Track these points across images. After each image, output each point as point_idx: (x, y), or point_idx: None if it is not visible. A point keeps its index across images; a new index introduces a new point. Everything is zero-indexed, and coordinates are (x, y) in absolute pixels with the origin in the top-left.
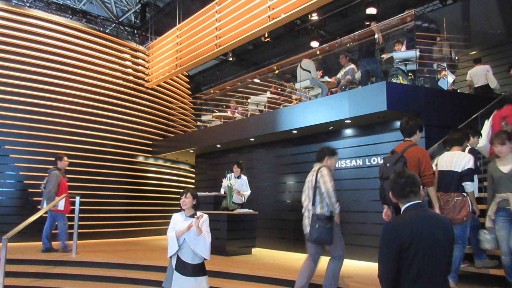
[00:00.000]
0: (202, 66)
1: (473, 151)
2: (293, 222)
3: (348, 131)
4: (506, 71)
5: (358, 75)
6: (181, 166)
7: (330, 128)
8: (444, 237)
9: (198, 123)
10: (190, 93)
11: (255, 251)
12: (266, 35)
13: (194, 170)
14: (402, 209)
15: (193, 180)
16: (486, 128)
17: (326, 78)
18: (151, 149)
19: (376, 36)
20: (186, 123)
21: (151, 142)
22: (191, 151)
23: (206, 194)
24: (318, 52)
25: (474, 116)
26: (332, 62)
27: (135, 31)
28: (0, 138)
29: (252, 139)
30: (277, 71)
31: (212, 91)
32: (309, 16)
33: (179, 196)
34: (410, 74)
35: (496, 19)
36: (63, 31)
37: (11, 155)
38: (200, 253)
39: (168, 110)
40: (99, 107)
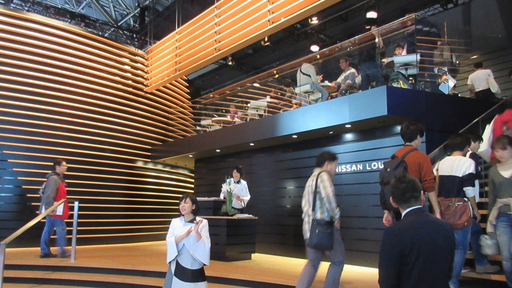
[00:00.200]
0: (201, 70)
1: (474, 156)
2: (293, 227)
3: (349, 136)
4: (507, 76)
5: (358, 79)
6: (180, 171)
7: (330, 132)
8: (445, 242)
9: (198, 128)
10: (190, 97)
11: (255, 256)
12: (266, 39)
13: (193, 175)
14: (403, 214)
15: (192, 185)
16: (487, 132)
17: (326, 83)
18: (150, 153)
19: (376, 40)
20: (185, 128)
21: (150, 147)
22: (191, 155)
23: (206, 199)
24: (318, 56)
25: (475, 120)
26: (332, 67)
27: (134, 35)
28: None
29: (251, 144)
30: (277, 76)
31: (211, 96)
32: (309, 20)
33: (178, 201)
34: (410, 79)
35: (497, 23)
36: (62, 35)
37: (9, 160)
38: (200, 258)
39: (167, 114)
40: (97, 111)
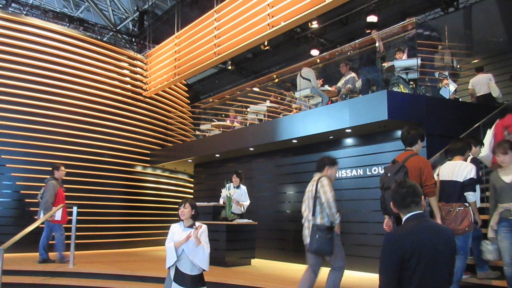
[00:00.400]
0: (200, 74)
1: (475, 161)
2: (293, 232)
3: (349, 141)
4: (508, 80)
5: (358, 83)
6: (179, 176)
7: (331, 137)
8: (445, 247)
9: (197, 132)
10: (189, 102)
11: (255, 262)
12: (266, 43)
13: (192, 180)
14: (403, 219)
15: (191, 190)
16: (488, 137)
17: (327, 87)
18: (149, 158)
19: (377, 44)
20: (184, 133)
21: (149, 152)
22: (190, 160)
23: (205, 204)
24: (318, 60)
25: (476, 125)
26: (332, 71)
27: (133, 39)
28: None
29: (251, 149)
30: (276, 80)
31: (211, 100)
32: (309, 24)
33: (177, 206)
34: (411, 83)
35: (498, 27)
36: (60, 39)
37: (7, 165)
38: (199, 264)
39: (166, 119)
40: (96, 116)
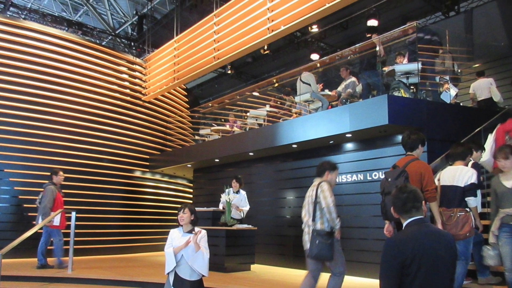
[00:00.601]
0: (200, 79)
1: (476, 166)
2: (293, 238)
3: (349, 145)
4: (509, 84)
5: (359, 88)
6: (179, 181)
7: (331, 142)
8: (446, 253)
9: (196, 137)
10: (188, 106)
11: (254, 267)
12: (266, 47)
13: (192, 185)
14: (404, 224)
15: (191, 195)
16: (490, 142)
17: (327, 91)
18: (148, 163)
19: (377, 48)
20: (184, 137)
21: (148, 157)
22: (189, 165)
23: (204, 209)
24: (318, 64)
25: (477, 130)
26: (332, 75)
27: (132, 44)
28: None
29: (251, 154)
30: (276, 84)
31: (210, 105)
32: (309, 28)
33: (176, 212)
34: (412, 87)
35: (499, 31)
36: (59, 43)
37: (5, 170)
38: (198, 269)
39: (165, 124)
40: (95, 120)
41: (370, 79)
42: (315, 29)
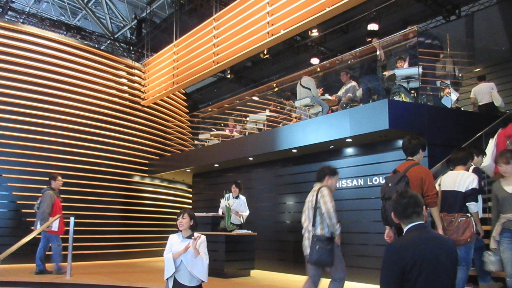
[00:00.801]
0: (199, 83)
1: (477, 171)
2: (292, 243)
3: (349, 150)
4: (511, 89)
5: (359, 92)
6: (178, 186)
7: (331, 147)
8: (447, 258)
9: (196, 142)
10: (187, 111)
11: (254, 273)
12: (265, 51)
13: (191, 190)
14: (405, 230)
15: (190, 200)
16: (491, 147)
17: (327, 96)
18: (147, 168)
19: (377, 52)
20: (183, 142)
21: (147, 162)
22: (188, 170)
23: (204, 214)
24: (319, 69)
25: (478, 134)
26: (332, 80)
27: (131, 48)
28: None
29: (250, 158)
30: (276, 89)
31: (209, 109)
32: (309, 32)
33: (176, 217)
34: (412, 92)
35: (500, 35)
36: (57, 47)
37: (4, 175)
38: (198, 275)
39: (164, 128)
40: (94, 125)
41: (371, 83)
42: (315, 33)
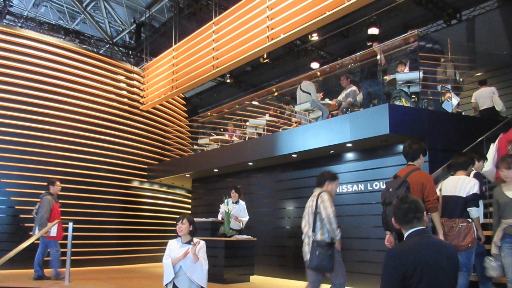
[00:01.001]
0: (199, 88)
1: (478, 176)
2: (292, 248)
3: (350, 155)
4: None
5: (359, 97)
6: (177, 191)
7: (331, 152)
8: (448, 264)
9: (195, 147)
10: (187, 115)
11: (254, 278)
12: (265, 56)
13: (190, 195)
14: (405, 235)
15: (189, 206)
16: (492, 152)
17: (327, 101)
18: (146, 173)
19: (378, 57)
20: (182, 147)
21: (146, 167)
22: (188, 175)
23: (203, 220)
24: (319, 73)
25: (479, 139)
26: (333, 84)
27: (130, 52)
28: None
29: (250, 163)
30: (276, 93)
31: (209, 114)
32: (309, 36)
33: (175, 222)
34: (413, 96)
35: (502, 39)
36: (56, 51)
37: (2, 180)
38: (197, 280)
39: (163, 133)
40: (92, 130)
41: (371, 88)
42: (315, 37)
